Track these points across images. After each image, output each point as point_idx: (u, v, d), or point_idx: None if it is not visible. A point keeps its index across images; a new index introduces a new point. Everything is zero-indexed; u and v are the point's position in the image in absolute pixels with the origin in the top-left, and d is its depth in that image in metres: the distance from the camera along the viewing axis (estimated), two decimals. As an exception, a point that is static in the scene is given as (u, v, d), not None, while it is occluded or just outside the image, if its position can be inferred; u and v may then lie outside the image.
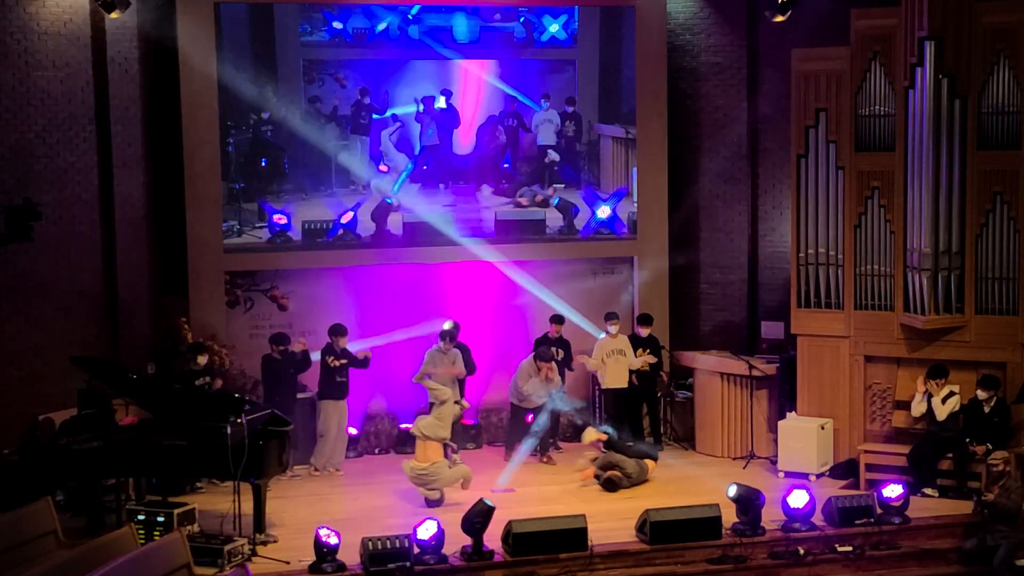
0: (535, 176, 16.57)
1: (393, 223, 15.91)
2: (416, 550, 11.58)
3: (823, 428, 14.23)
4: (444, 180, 16.26)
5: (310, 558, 11.55)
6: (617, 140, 16.76)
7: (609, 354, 15.32)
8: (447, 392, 13.85)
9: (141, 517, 11.94)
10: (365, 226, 15.84)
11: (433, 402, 13.83)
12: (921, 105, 13.56)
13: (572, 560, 11.86)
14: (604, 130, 16.76)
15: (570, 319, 15.93)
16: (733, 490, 12.42)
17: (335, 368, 14.54)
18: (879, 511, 12.61)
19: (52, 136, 14.23)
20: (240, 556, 11.57)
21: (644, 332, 15.57)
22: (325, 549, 11.46)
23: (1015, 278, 13.60)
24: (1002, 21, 13.51)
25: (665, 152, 16.51)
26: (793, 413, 14.56)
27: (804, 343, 14.56)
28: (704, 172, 16.89)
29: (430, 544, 11.65)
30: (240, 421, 11.91)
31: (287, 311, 15.72)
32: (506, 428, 15.62)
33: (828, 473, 14.24)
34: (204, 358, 14.13)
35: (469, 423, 15.79)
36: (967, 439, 13.26)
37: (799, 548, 12.24)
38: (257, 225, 15.66)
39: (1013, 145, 13.56)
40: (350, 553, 11.60)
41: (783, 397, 15.02)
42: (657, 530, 12.06)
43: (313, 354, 14.69)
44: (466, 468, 13.68)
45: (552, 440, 15.45)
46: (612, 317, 15.47)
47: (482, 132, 16.30)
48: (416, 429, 13.50)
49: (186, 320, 14.89)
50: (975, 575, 12.17)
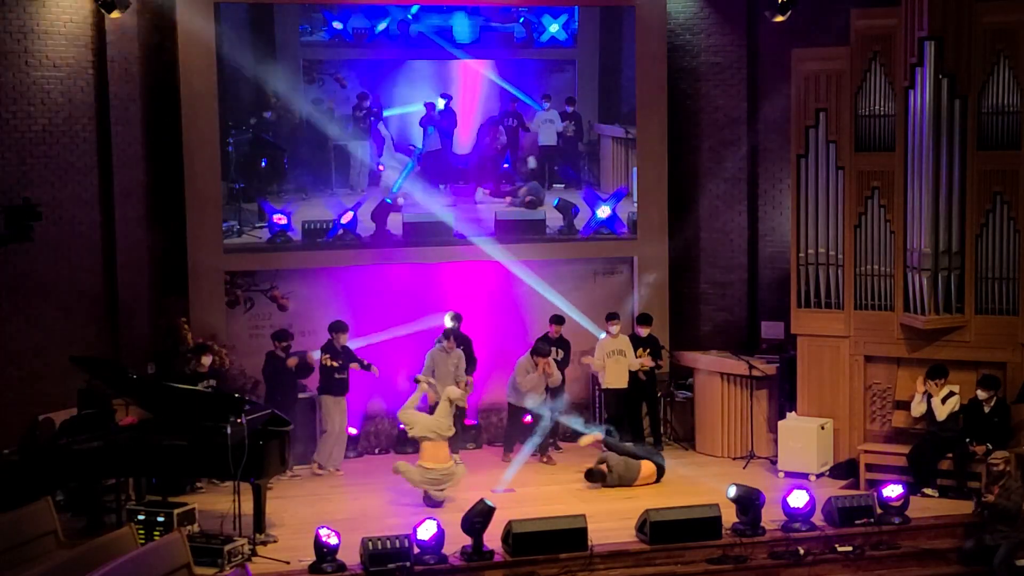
0: (535, 176, 16.58)
1: (393, 223, 15.91)
2: (416, 550, 11.58)
3: (823, 428, 14.23)
4: (444, 180, 16.26)
5: (310, 558, 11.55)
6: (617, 140, 16.75)
7: (609, 354, 15.32)
8: (442, 391, 13.86)
9: (141, 517, 11.93)
10: (365, 226, 15.84)
11: (432, 404, 13.87)
12: (921, 105, 13.56)
13: (572, 560, 11.86)
14: (604, 130, 16.75)
15: (571, 319, 15.93)
16: (733, 491, 12.42)
17: (334, 366, 14.53)
18: (879, 511, 12.61)
19: (52, 136, 14.22)
20: (240, 556, 11.57)
21: (644, 332, 15.57)
22: (325, 549, 11.46)
23: (1015, 278, 13.60)
24: (1002, 21, 13.51)
25: (665, 152, 16.50)
26: (793, 413, 14.56)
27: (804, 343, 14.55)
28: (704, 172, 16.89)
29: (430, 544, 11.65)
30: (240, 421, 11.91)
31: (287, 311, 15.71)
32: (505, 428, 15.62)
33: (828, 473, 14.24)
34: (208, 359, 14.12)
35: (469, 423, 15.78)
36: (967, 439, 13.26)
37: (799, 548, 12.24)
38: (257, 225, 15.66)
39: (1013, 145, 13.56)
40: (350, 553, 11.60)
41: (783, 397, 15.02)
42: (657, 530, 12.06)
43: (314, 352, 14.70)
44: (463, 467, 13.69)
45: (552, 440, 15.45)
46: (613, 317, 15.46)
47: (482, 132, 16.31)
48: (427, 431, 13.49)
49: (186, 320, 14.88)
50: (975, 575, 12.18)
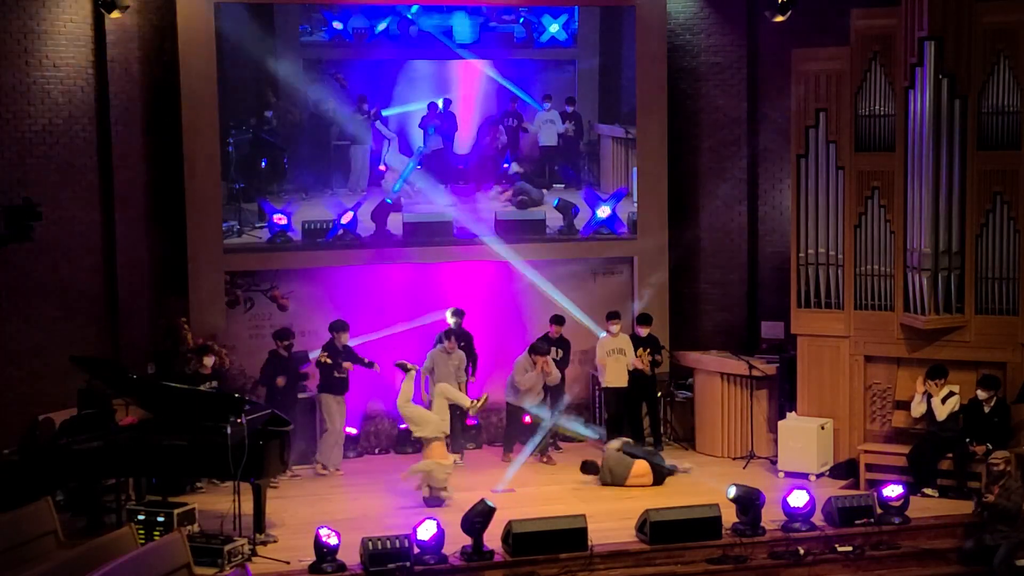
0: (535, 176, 16.58)
1: (393, 223, 15.91)
2: (416, 550, 11.57)
3: (823, 428, 14.23)
4: (444, 180, 16.26)
5: (310, 558, 11.54)
6: (617, 140, 16.75)
7: (609, 352, 15.32)
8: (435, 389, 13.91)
9: (141, 517, 11.92)
10: (365, 226, 15.84)
11: (428, 401, 13.90)
12: (921, 105, 13.55)
13: (572, 560, 11.85)
14: (604, 130, 16.75)
15: (572, 317, 15.93)
16: (732, 491, 12.41)
17: (333, 364, 14.51)
18: (879, 511, 12.61)
19: (52, 136, 14.22)
20: (240, 556, 11.56)
21: (643, 332, 15.56)
22: (325, 549, 11.45)
23: (1015, 278, 13.60)
24: (1002, 21, 13.50)
25: (665, 152, 16.50)
26: (793, 413, 14.55)
27: (804, 343, 14.55)
28: (704, 172, 16.89)
29: (430, 544, 11.65)
30: (240, 421, 11.90)
31: (287, 311, 15.72)
32: (504, 428, 15.60)
33: (828, 473, 14.23)
34: (211, 359, 14.11)
35: (469, 423, 15.77)
36: (967, 439, 13.26)
37: (799, 548, 12.24)
38: (257, 225, 15.66)
39: (1013, 145, 13.56)
40: (350, 553, 11.59)
41: (783, 397, 15.02)
42: (657, 530, 12.05)
43: (312, 353, 14.71)
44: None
45: (552, 440, 15.44)
46: (613, 316, 15.46)
47: (481, 132, 16.31)
48: (438, 432, 13.51)
49: (186, 320, 14.88)
50: (975, 575, 12.18)
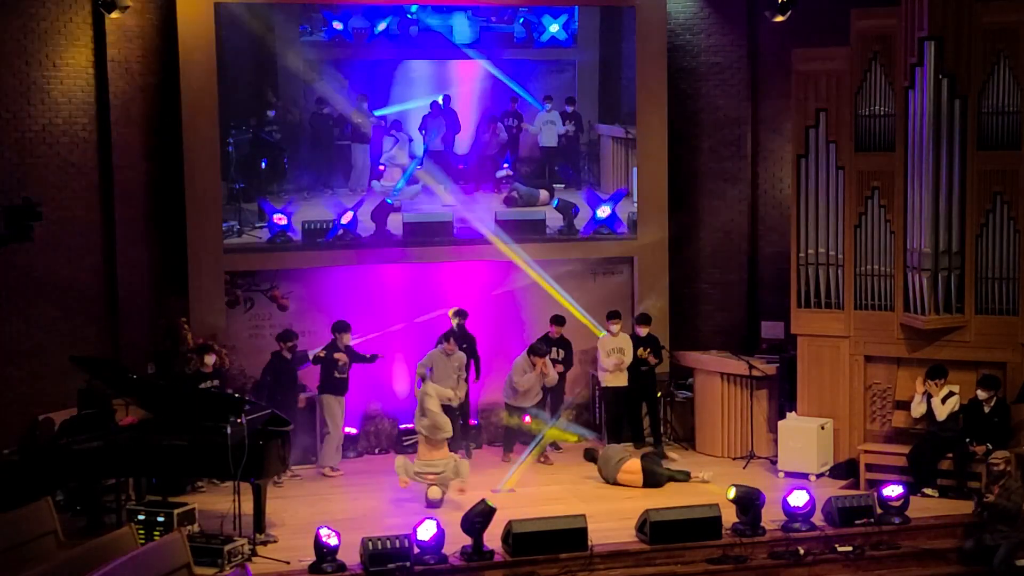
0: (534, 176, 16.57)
1: (393, 223, 15.91)
2: (416, 550, 11.57)
3: (823, 428, 14.22)
4: (445, 180, 16.25)
5: (310, 558, 11.54)
6: (617, 140, 16.75)
7: (609, 352, 15.32)
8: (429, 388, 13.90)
9: (141, 517, 11.93)
10: (365, 226, 15.84)
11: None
12: (921, 105, 13.55)
13: (572, 560, 11.85)
14: (604, 130, 16.75)
15: (574, 315, 15.93)
16: (732, 492, 12.41)
17: (335, 364, 14.50)
18: (879, 511, 12.61)
19: (52, 136, 14.22)
20: (240, 556, 11.56)
21: (643, 331, 15.56)
22: (325, 549, 11.45)
23: (1015, 278, 13.60)
24: (1002, 21, 13.51)
25: (665, 152, 16.49)
26: (793, 413, 14.55)
27: (804, 343, 14.55)
28: (704, 172, 16.89)
29: (430, 544, 11.65)
30: (240, 421, 11.90)
31: (287, 311, 15.72)
32: (504, 428, 15.58)
33: (828, 473, 14.23)
34: (212, 358, 14.10)
35: (470, 423, 15.75)
36: (967, 439, 13.26)
37: (799, 548, 12.24)
38: (257, 225, 15.66)
39: (1013, 145, 13.56)
40: (350, 553, 11.59)
41: (783, 397, 15.02)
42: (657, 530, 12.05)
43: (312, 351, 14.71)
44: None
45: (552, 446, 15.43)
46: (614, 316, 15.46)
47: (480, 130, 16.30)
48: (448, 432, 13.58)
49: (186, 320, 14.87)
50: (975, 575, 12.18)
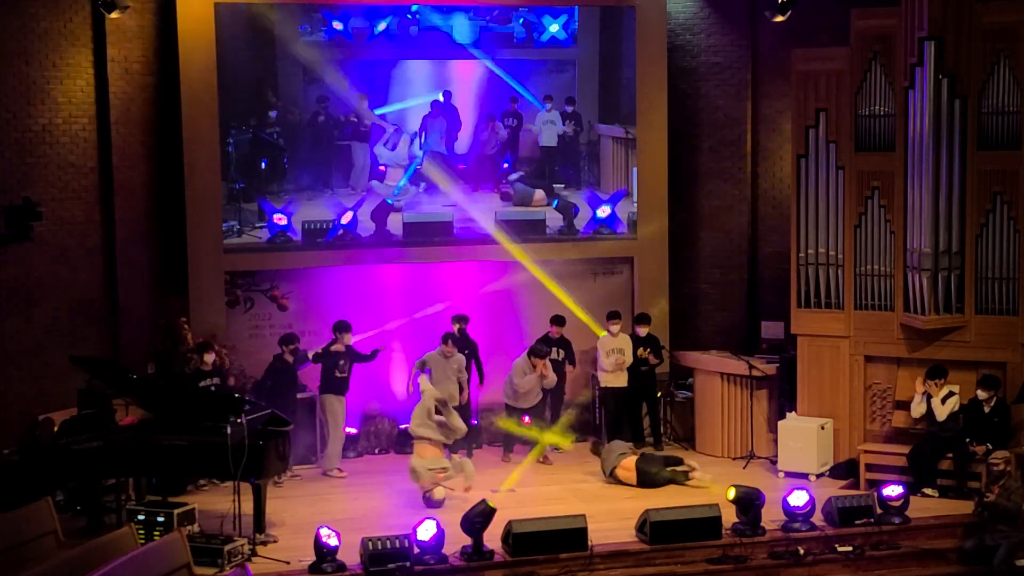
0: (534, 176, 16.57)
1: (393, 223, 15.91)
2: (416, 550, 11.58)
3: (823, 428, 14.22)
4: (445, 180, 16.24)
5: (310, 558, 11.54)
6: (617, 140, 16.75)
7: (609, 353, 15.32)
8: (426, 385, 13.88)
9: (141, 517, 11.93)
10: (365, 226, 15.84)
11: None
12: (921, 105, 13.55)
13: (572, 560, 11.85)
14: (604, 130, 16.75)
15: (576, 315, 15.93)
16: (732, 493, 12.40)
17: (336, 363, 14.49)
18: (879, 511, 12.61)
19: (52, 136, 14.23)
20: (240, 556, 11.56)
21: (643, 331, 15.56)
22: (325, 549, 11.44)
23: (1015, 278, 13.59)
24: (1002, 21, 13.50)
25: (665, 152, 16.48)
26: (793, 413, 14.55)
27: (804, 343, 14.54)
28: (704, 172, 16.89)
29: (430, 544, 11.65)
30: (240, 421, 11.90)
31: (287, 311, 15.72)
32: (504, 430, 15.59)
33: (828, 473, 14.23)
34: (211, 356, 14.10)
35: (471, 423, 15.73)
36: (967, 439, 13.26)
37: (799, 548, 12.24)
38: (257, 225, 15.66)
39: (1013, 145, 13.56)
40: (350, 553, 11.59)
41: (783, 397, 15.01)
42: (657, 530, 12.05)
43: (311, 352, 14.71)
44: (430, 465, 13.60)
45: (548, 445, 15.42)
46: (614, 316, 15.46)
47: (478, 129, 16.31)
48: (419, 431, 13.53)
49: (186, 320, 14.87)
50: (975, 575, 12.18)
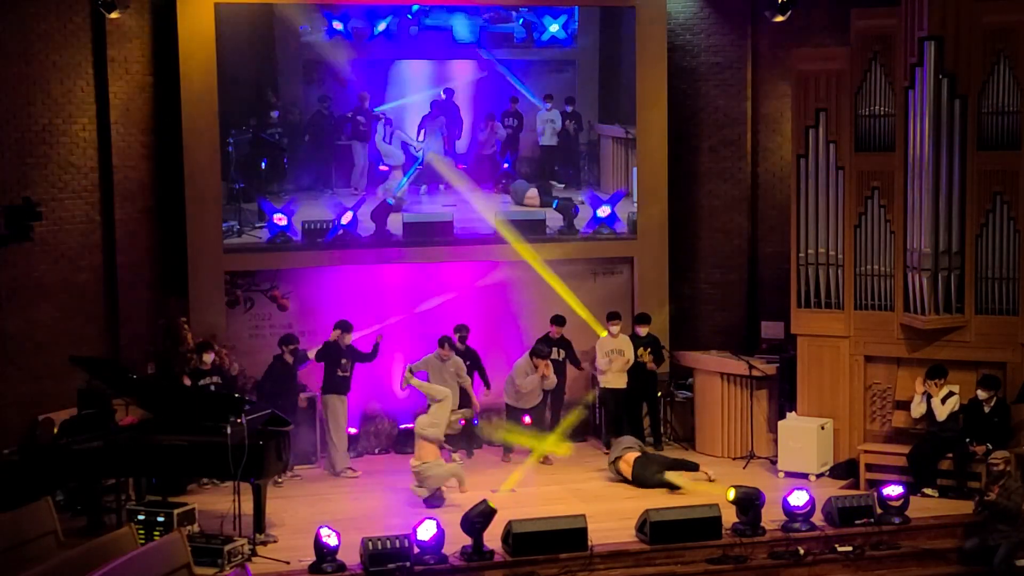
0: (535, 176, 16.57)
1: (393, 223, 15.91)
2: (416, 550, 11.58)
3: (823, 428, 14.22)
4: (445, 181, 16.25)
5: (310, 558, 11.54)
6: (617, 140, 16.74)
7: (608, 353, 15.32)
8: (442, 391, 13.78)
9: (141, 517, 11.93)
10: (365, 226, 15.84)
11: (430, 402, 13.83)
12: (921, 105, 13.55)
13: (572, 560, 11.85)
14: (604, 130, 16.74)
15: (578, 314, 15.93)
16: (732, 494, 12.40)
17: (337, 361, 14.49)
18: (879, 511, 12.61)
19: (52, 136, 14.22)
20: (240, 556, 11.56)
21: (643, 331, 15.57)
22: (325, 549, 11.44)
23: (1015, 278, 13.59)
24: (1002, 21, 13.50)
25: (665, 152, 16.48)
26: (793, 413, 14.55)
27: (804, 343, 14.54)
28: (704, 172, 16.89)
29: (430, 544, 11.65)
30: (240, 421, 11.90)
31: (287, 311, 15.72)
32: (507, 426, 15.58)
33: (828, 473, 14.23)
34: (210, 356, 14.11)
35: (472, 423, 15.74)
36: (967, 439, 13.26)
37: (799, 548, 12.24)
38: (257, 225, 15.66)
39: (1013, 145, 13.55)
40: (350, 553, 11.59)
41: (783, 397, 15.02)
42: (657, 530, 12.05)
43: (311, 351, 14.71)
44: (454, 466, 13.65)
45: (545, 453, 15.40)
46: (614, 317, 15.46)
47: (478, 129, 16.31)
48: (416, 428, 13.50)
49: (186, 320, 14.88)
50: (975, 575, 12.18)
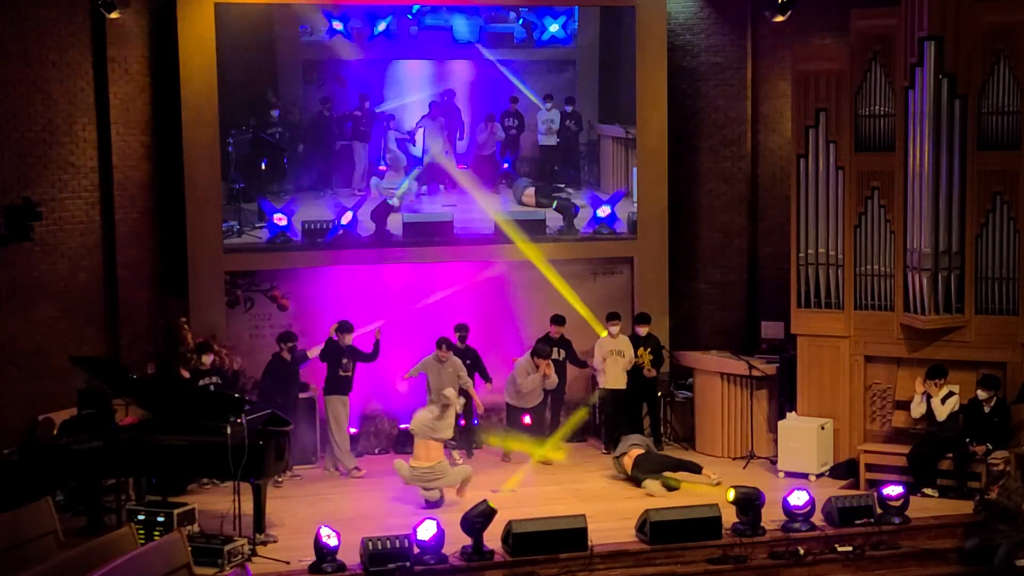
0: (535, 176, 16.58)
1: (393, 223, 15.91)
2: (416, 550, 11.58)
3: (823, 428, 14.22)
4: (445, 181, 16.26)
5: (310, 558, 11.54)
6: (617, 140, 16.75)
7: (608, 354, 15.32)
8: (451, 393, 13.79)
9: (141, 517, 11.93)
10: (365, 226, 15.84)
11: (433, 401, 13.82)
12: (921, 105, 13.55)
13: (572, 560, 11.85)
14: (604, 130, 16.75)
15: (579, 313, 15.93)
16: (732, 494, 12.40)
17: (339, 361, 14.49)
18: (879, 511, 12.61)
19: (52, 136, 14.22)
20: (240, 556, 11.57)
21: (642, 331, 15.56)
22: (325, 549, 11.44)
23: (1015, 278, 13.59)
24: (1002, 21, 13.50)
25: (665, 152, 16.49)
26: (793, 413, 14.55)
27: (804, 343, 14.54)
28: (704, 172, 16.89)
29: (430, 544, 11.65)
30: (240, 421, 11.91)
31: (287, 311, 15.72)
32: (504, 429, 15.56)
33: (828, 473, 14.23)
34: (209, 357, 14.11)
35: (472, 423, 15.74)
36: (967, 439, 13.26)
37: (799, 548, 12.24)
38: (257, 225, 15.66)
39: (1013, 145, 13.55)
40: (350, 553, 11.59)
41: (783, 397, 15.02)
42: (657, 530, 12.05)
43: (311, 351, 14.71)
44: (467, 468, 13.68)
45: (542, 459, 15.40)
46: (613, 317, 15.45)
47: (478, 129, 16.31)
48: (418, 428, 13.47)
49: (186, 320, 14.89)
50: (975, 575, 12.18)
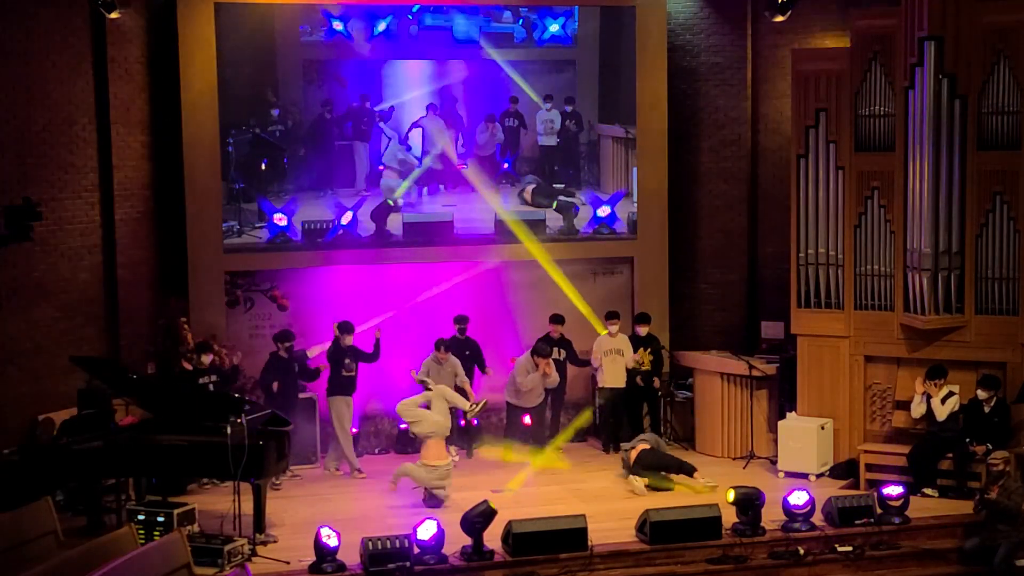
0: (535, 176, 16.59)
1: (393, 223, 15.91)
2: (416, 550, 11.59)
3: (823, 428, 14.22)
4: (444, 181, 16.26)
5: (310, 558, 11.55)
6: (617, 140, 16.75)
7: (607, 353, 15.32)
8: (429, 392, 13.85)
9: (141, 517, 11.93)
10: (365, 226, 15.84)
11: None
12: (921, 105, 13.55)
13: (572, 560, 11.85)
14: (604, 130, 16.75)
15: (579, 313, 15.93)
16: (732, 494, 12.40)
17: (343, 363, 14.48)
18: (879, 511, 12.62)
19: (52, 136, 14.22)
20: (240, 556, 11.57)
21: (642, 331, 15.57)
22: (325, 549, 11.44)
23: (1015, 278, 13.60)
24: (1002, 21, 13.50)
25: (665, 152, 16.49)
26: (793, 413, 14.55)
27: (804, 343, 14.54)
28: (704, 172, 16.90)
29: (430, 544, 11.65)
30: (240, 421, 11.91)
31: (287, 311, 15.72)
32: (504, 429, 15.57)
33: (828, 473, 14.23)
34: (208, 357, 14.11)
35: (472, 423, 15.74)
36: (967, 439, 13.26)
37: (799, 548, 12.24)
38: (257, 225, 15.66)
39: (1013, 145, 13.55)
40: (350, 553, 11.59)
41: (783, 397, 15.02)
42: (657, 530, 12.06)
43: (311, 351, 14.70)
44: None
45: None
46: (612, 317, 15.46)
47: (478, 129, 16.31)
48: (437, 428, 13.45)
49: (186, 320, 14.89)
50: (975, 575, 12.19)
